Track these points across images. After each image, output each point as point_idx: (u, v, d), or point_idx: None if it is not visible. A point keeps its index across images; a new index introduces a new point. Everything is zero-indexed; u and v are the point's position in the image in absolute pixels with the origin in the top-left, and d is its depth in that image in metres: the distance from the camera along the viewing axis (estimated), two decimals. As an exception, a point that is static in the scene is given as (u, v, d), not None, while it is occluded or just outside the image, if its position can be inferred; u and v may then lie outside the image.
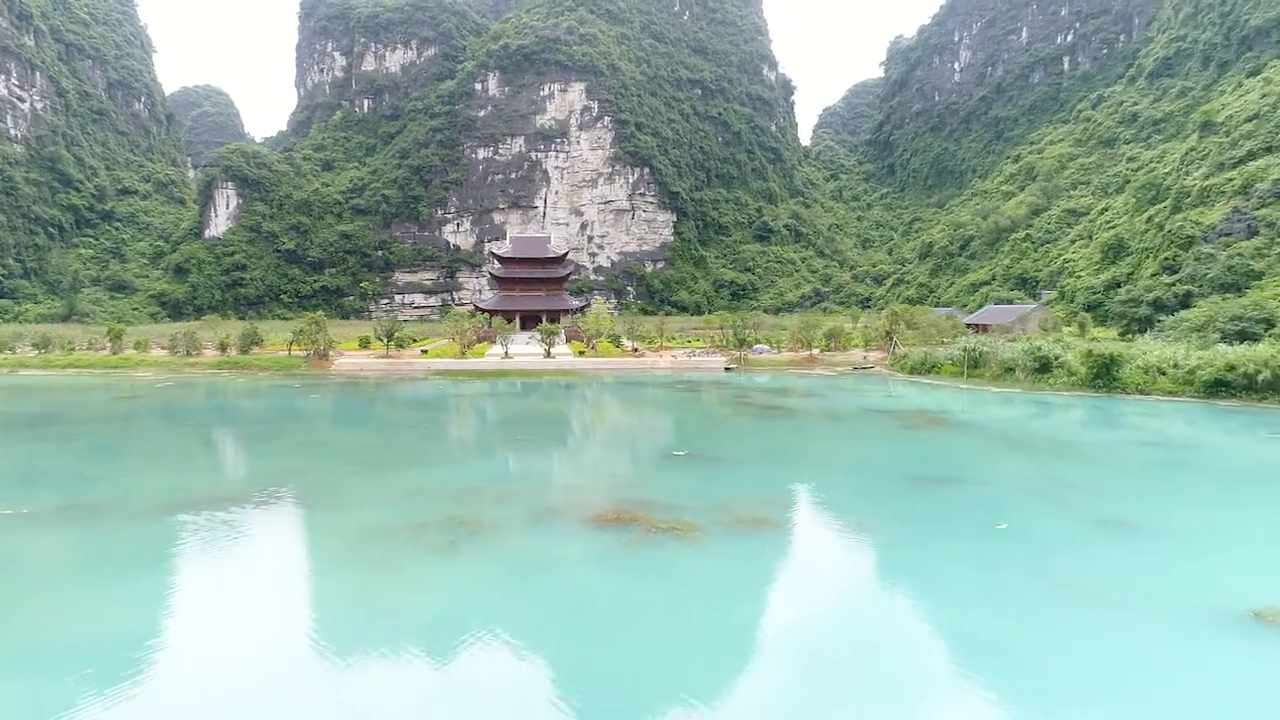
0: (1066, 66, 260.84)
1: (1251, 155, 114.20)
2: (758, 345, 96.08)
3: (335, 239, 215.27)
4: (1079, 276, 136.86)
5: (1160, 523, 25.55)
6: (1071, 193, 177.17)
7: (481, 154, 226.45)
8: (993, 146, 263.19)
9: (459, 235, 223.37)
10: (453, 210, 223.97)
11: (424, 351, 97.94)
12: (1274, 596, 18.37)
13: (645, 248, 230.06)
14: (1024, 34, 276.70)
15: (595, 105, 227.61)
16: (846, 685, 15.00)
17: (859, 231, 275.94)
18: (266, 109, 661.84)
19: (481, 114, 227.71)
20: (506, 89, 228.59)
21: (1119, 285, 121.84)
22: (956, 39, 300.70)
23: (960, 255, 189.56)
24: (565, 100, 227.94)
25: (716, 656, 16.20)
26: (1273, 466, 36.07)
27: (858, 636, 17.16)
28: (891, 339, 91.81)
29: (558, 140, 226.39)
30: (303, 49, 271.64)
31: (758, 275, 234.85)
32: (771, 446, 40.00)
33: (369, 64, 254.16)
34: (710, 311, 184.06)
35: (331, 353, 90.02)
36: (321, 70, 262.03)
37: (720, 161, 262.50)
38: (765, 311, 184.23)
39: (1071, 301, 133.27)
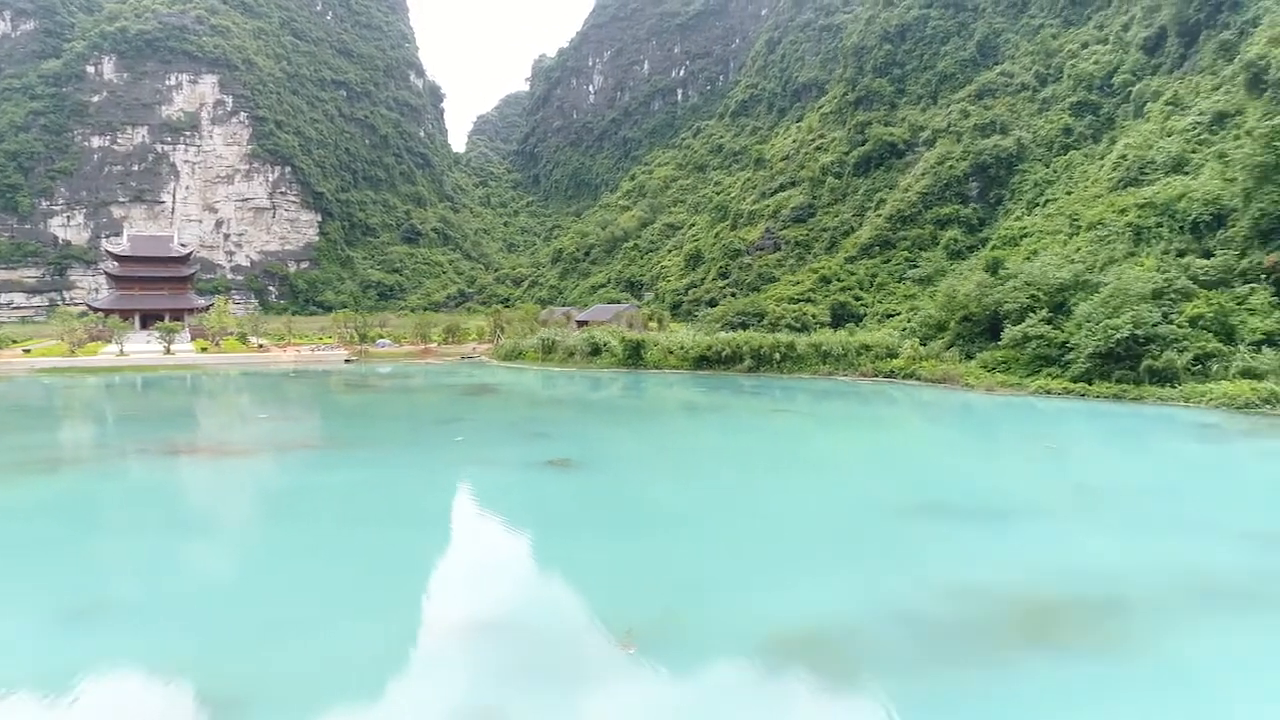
0: (680, 98, 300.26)
1: (782, 187, 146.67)
2: (380, 340, 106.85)
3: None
4: (669, 281, 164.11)
5: (559, 431, 41.74)
6: (672, 209, 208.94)
7: (96, 143, 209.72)
8: (621, 164, 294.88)
9: (70, 230, 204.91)
10: (62, 202, 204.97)
11: (26, 351, 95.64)
12: (561, 455, 34.28)
13: (288, 247, 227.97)
14: (646, 66, 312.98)
15: (229, 100, 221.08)
16: (330, 505, 27.83)
17: (505, 236, 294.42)
18: None
19: (95, 99, 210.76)
20: (126, 75, 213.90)
21: (695, 287, 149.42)
22: (591, 64, 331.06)
23: (584, 260, 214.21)
24: (195, 92, 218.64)
25: (241, 502, 28.18)
26: (684, 403, 55.34)
27: (339, 488, 30.06)
28: (497, 333, 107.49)
29: (188, 134, 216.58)
30: None
31: (406, 276, 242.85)
32: (338, 409, 52.15)
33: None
34: (361, 311, 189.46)
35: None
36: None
37: (367, 164, 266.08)
38: (414, 311, 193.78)
39: (664, 302, 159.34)
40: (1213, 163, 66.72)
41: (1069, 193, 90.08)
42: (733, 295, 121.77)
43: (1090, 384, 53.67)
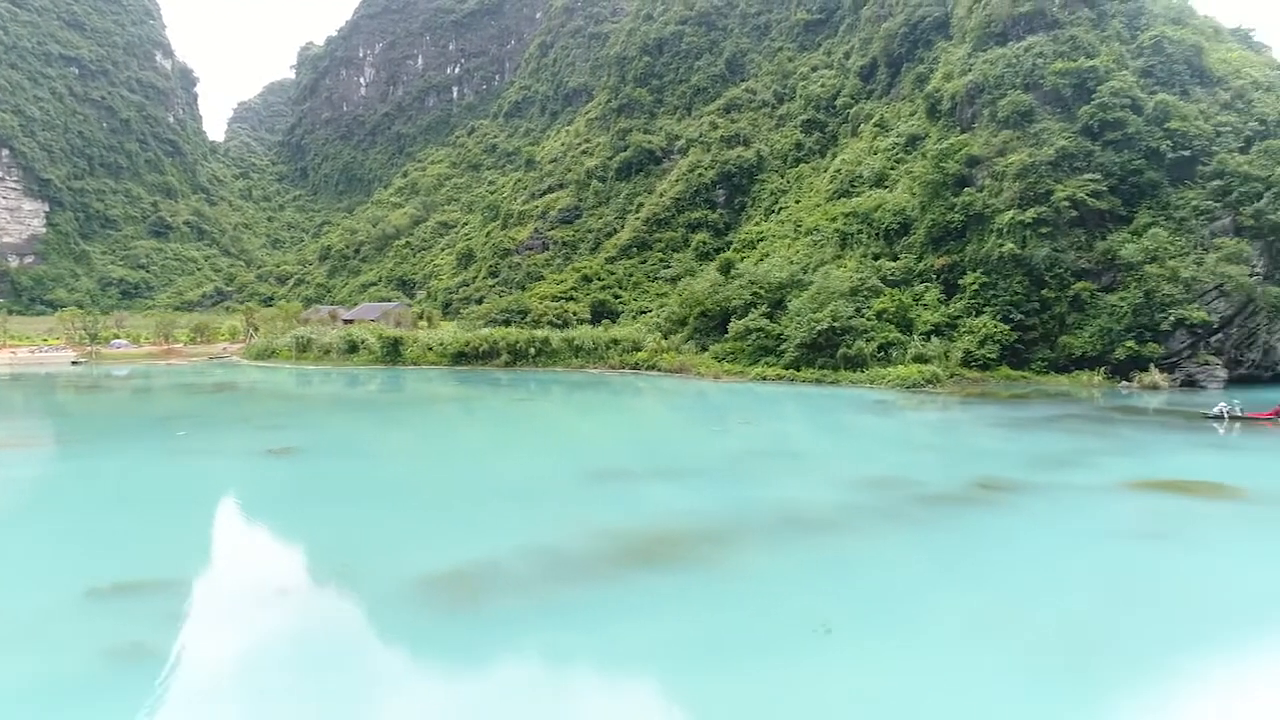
0: (455, 95, 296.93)
1: (551, 189, 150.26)
2: (115, 340, 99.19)
3: None
4: (442, 279, 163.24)
5: (291, 424, 42.22)
6: (445, 208, 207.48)
7: None
8: (395, 160, 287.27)
9: None
10: None
11: None
12: (286, 444, 35.16)
13: (8, 239, 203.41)
14: (420, 61, 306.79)
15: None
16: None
17: (270, 232, 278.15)
18: None
19: None
20: None
21: (466, 286, 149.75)
22: (361, 55, 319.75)
23: (354, 258, 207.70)
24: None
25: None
26: (432, 396, 56.89)
27: (32, 481, 29.22)
28: (249, 332, 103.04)
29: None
30: None
31: (154, 273, 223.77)
32: (55, 410, 49.27)
33: None
34: (102, 311, 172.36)
35: None
36: None
37: (106, 150, 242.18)
38: (164, 310, 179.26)
39: (435, 300, 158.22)
40: (904, 179, 77.09)
41: (797, 201, 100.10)
42: (500, 294, 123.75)
43: (799, 370, 60.98)
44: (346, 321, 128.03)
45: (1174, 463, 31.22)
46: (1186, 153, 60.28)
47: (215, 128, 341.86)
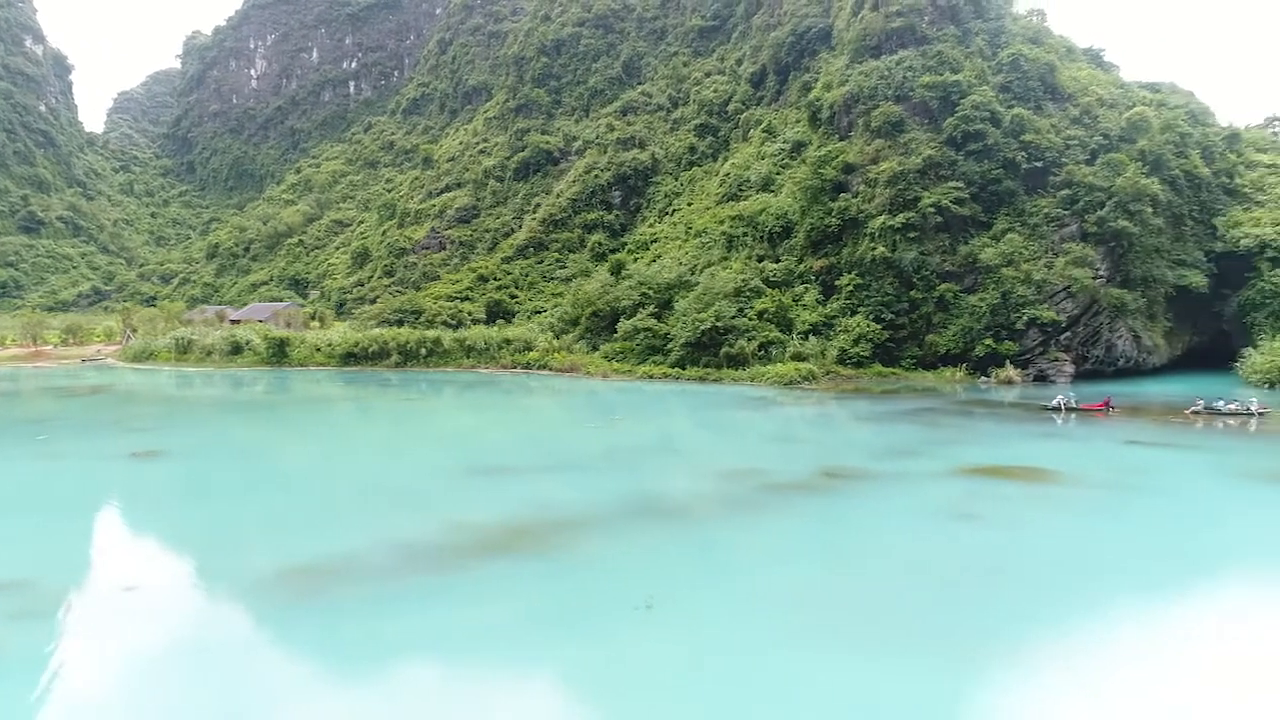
0: (352, 90, 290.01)
1: (448, 188, 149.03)
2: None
3: None
4: (336, 279, 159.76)
5: (160, 427, 41.39)
6: (340, 205, 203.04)
7: None
8: (289, 156, 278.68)
9: None
10: None
11: None
12: (151, 447, 34.63)
13: None
14: (315, 54, 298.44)
15: None
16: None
17: (153, 229, 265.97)
18: None
19: None
20: None
21: (361, 285, 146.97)
22: (252, 46, 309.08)
23: (244, 257, 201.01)
24: None
25: None
26: (315, 397, 56.29)
27: None
28: (126, 333, 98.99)
29: None
30: None
31: (24, 271, 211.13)
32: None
33: None
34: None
35: None
36: None
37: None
38: (35, 310, 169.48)
39: (329, 300, 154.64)
40: (789, 184, 79.96)
41: (690, 204, 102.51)
42: (396, 294, 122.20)
43: (684, 369, 62.80)
44: (234, 322, 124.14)
45: (1007, 450, 34.01)
46: (1039, 164, 64.78)
47: (93, 118, 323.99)
